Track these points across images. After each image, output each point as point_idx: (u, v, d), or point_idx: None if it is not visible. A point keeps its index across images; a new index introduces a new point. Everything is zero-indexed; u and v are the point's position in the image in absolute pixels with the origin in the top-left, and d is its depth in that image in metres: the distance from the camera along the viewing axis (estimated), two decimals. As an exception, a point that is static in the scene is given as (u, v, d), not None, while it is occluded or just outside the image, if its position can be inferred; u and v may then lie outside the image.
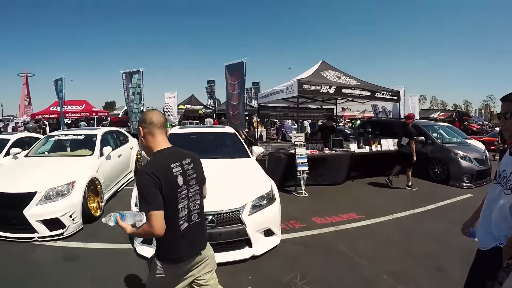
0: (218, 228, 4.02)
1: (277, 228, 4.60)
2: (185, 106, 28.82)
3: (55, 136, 8.09)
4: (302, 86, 7.78)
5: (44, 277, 4.08)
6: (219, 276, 3.77)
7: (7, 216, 5.22)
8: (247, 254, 4.17)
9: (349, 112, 35.50)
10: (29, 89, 22.78)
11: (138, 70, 14.52)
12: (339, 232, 5.24)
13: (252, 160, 5.91)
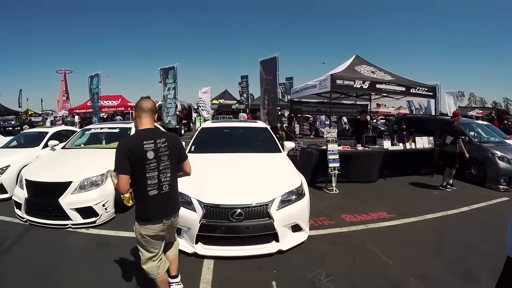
0: (246, 221, 4.03)
1: (305, 224, 4.54)
2: (218, 101, 29.10)
3: (91, 130, 8.44)
4: (335, 81, 7.61)
5: (75, 261, 4.32)
6: (245, 269, 3.88)
7: (44, 204, 5.52)
8: (273, 248, 4.15)
9: (384, 108, 34.57)
10: (67, 85, 23.82)
11: (173, 66, 14.76)
12: (368, 231, 5.12)
13: (283, 155, 5.85)
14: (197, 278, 3.75)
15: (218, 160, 5.53)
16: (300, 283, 3.63)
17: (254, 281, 3.69)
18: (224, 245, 4.15)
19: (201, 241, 4.20)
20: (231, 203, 4.08)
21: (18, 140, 9.58)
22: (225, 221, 4.02)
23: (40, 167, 6.17)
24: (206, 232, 4.11)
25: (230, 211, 4.01)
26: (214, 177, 4.77)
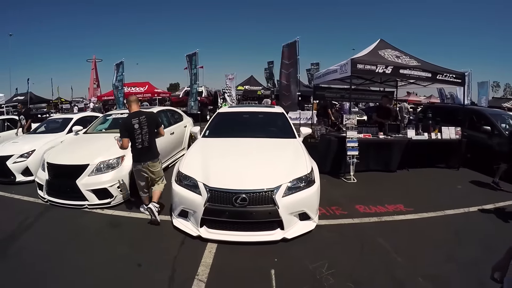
0: (250, 207, 3.98)
1: (313, 212, 4.39)
2: (244, 87, 29.04)
3: (112, 115, 8.68)
4: (356, 65, 7.31)
5: (88, 239, 4.59)
6: (246, 255, 3.85)
7: (63, 185, 5.79)
8: (277, 236, 4.08)
9: (415, 97, 33.36)
10: (98, 73, 24.63)
11: (195, 52, 14.81)
12: (381, 224, 4.86)
13: (297, 141, 5.70)
14: (198, 261, 3.77)
15: (230, 145, 5.53)
16: (300, 273, 3.53)
17: (253, 268, 3.65)
18: (228, 230, 4.12)
19: (205, 224, 4.22)
20: (235, 188, 4.04)
21: (46, 126, 10.00)
22: (229, 205, 3.99)
23: (61, 150, 6.45)
24: (210, 216, 4.11)
25: (234, 195, 3.98)
26: (223, 162, 4.76)
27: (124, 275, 3.64)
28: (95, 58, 24.77)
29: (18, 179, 7.57)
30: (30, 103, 25.26)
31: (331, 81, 9.83)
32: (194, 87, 15.11)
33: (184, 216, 4.51)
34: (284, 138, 5.78)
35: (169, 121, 8.81)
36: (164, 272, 3.60)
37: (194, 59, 14.95)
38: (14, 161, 7.62)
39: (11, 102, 25.44)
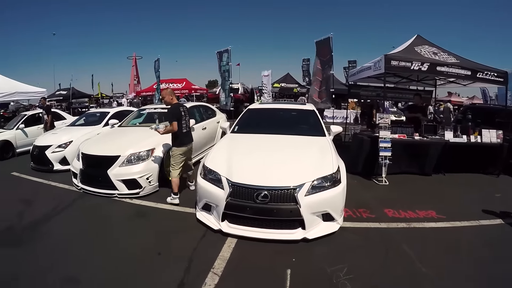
0: (272, 204, 3.92)
1: (337, 213, 4.23)
2: (280, 85, 28.88)
3: (146, 109, 8.98)
4: (390, 61, 7.03)
5: (115, 226, 4.90)
6: (265, 252, 3.80)
7: (95, 175, 6.06)
8: (298, 235, 3.98)
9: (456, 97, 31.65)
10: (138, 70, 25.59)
11: (227, 48, 14.90)
12: (409, 230, 4.57)
13: (326, 139, 5.55)
14: (216, 254, 3.79)
15: (257, 141, 5.51)
16: (316, 275, 3.42)
17: (269, 265, 3.59)
18: (249, 226, 4.09)
19: (227, 219, 4.23)
20: (257, 184, 4.00)
21: (84, 119, 10.49)
22: (250, 201, 3.96)
23: (95, 142, 6.76)
24: (231, 211, 4.11)
25: (255, 192, 3.94)
26: (247, 157, 4.75)
27: (143, 261, 3.76)
28: (135, 55, 25.76)
29: (56, 167, 8.03)
30: (72, 98, 26.61)
31: (366, 78, 9.51)
32: (227, 83, 15.21)
33: (207, 210, 4.56)
34: (313, 136, 5.66)
35: (201, 117, 8.93)
36: (181, 262, 3.66)
37: (225, 56, 15.06)
38: (53, 151, 8.10)
39: (54, 96, 26.89)
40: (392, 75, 8.91)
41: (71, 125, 10.23)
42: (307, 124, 6.36)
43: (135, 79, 25.71)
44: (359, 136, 7.83)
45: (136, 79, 25.77)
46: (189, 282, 3.32)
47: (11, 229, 4.82)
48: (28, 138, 10.69)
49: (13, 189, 7.03)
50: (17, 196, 6.35)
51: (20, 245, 4.30)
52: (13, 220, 5.10)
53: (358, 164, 7.26)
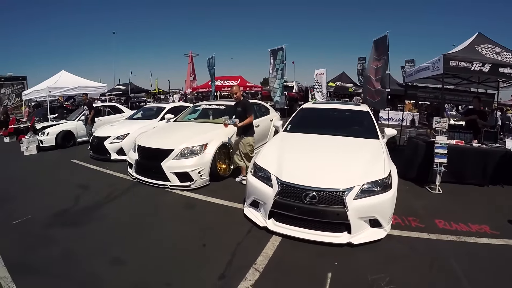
0: (319, 205, 3.91)
1: (385, 220, 4.11)
2: (335, 84, 28.33)
3: (201, 106, 9.26)
4: (449, 62, 6.65)
5: (164, 215, 5.16)
6: (308, 253, 3.84)
7: (149, 166, 6.39)
8: (343, 239, 3.92)
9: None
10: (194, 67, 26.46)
11: (281, 47, 14.92)
12: (459, 244, 4.26)
13: (379, 142, 5.40)
14: (259, 251, 3.85)
15: (309, 141, 5.51)
16: (356, 282, 3.34)
17: (311, 267, 3.59)
18: (295, 226, 4.10)
19: (274, 217, 4.27)
20: (305, 184, 4.01)
21: (142, 113, 11.08)
22: (298, 201, 3.98)
23: (151, 135, 7.13)
24: (278, 209, 4.15)
25: (303, 192, 3.96)
26: (298, 157, 4.76)
27: (187, 251, 3.94)
28: (191, 53, 26.64)
29: (113, 157, 8.61)
30: (131, 93, 28.08)
31: (423, 79, 9.05)
32: (281, 81, 15.23)
33: (255, 206, 4.64)
34: (366, 138, 5.53)
35: (255, 114, 8.97)
36: (224, 256, 3.76)
37: (279, 54, 15.06)
38: (111, 141, 8.69)
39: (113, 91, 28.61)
40: (451, 76, 8.43)
41: (129, 118, 10.89)
42: (361, 125, 6.24)
43: (191, 75, 26.73)
44: (414, 140, 7.44)
45: (192, 76, 26.79)
46: (230, 275, 3.40)
47: (68, 211, 5.32)
48: (88, 129, 11.48)
49: (72, 175, 7.67)
50: (75, 181, 6.95)
51: (75, 226, 4.75)
52: (70, 203, 5.63)
53: (412, 169, 6.94)
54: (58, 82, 14.96)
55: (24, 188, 6.79)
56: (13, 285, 3.35)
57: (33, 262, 3.80)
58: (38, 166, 8.88)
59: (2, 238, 4.43)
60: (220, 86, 23.67)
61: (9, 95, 19.86)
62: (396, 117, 18.14)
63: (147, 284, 3.32)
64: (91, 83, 16.66)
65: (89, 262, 3.73)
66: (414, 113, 18.71)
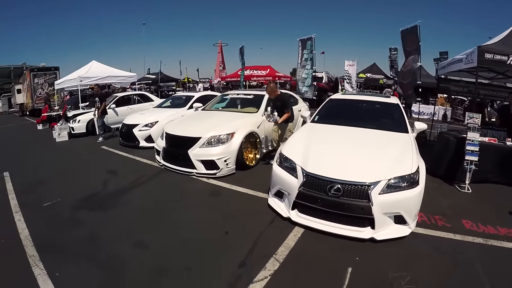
0: (343, 198, 3.87)
1: (410, 217, 4.01)
2: (365, 75, 27.78)
3: (229, 95, 9.31)
4: (483, 54, 6.31)
5: (189, 201, 5.31)
6: (329, 246, 3.83)
7: (177, 153, 6.52)
8: (366, 234, 3.87)
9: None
10: (223, 56, 26.65)
11: (311, 36, 14.80)
12: (485, 248, 4.06)
13: (408, 136, 5.22)
14: (281, 241, 3.88)
15: (336, 132, 5.46)
16: (376, 279, 3.29)
17: (331, 260, 3.57)
18: (318, 218, 4.09)
19: (297, 208, 4.28)
20: (331, 177, 3.97)
21: (171, 101, 11.29)
22: (322, 193, 3.96)
23: (179, 123, 7.25)
24: (302, 201, 4.14)
25: (328, 184, 3.92)
26: (324, 148, 4.73)
27: (209, 237, 4.04)
28: (221, 42, 26.91)
29: (141, 144, 8.85)
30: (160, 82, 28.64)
31: (456, 72, 8.72)
32: (310, 72, 15.10)
33: (279, 197, 4.66)
34: (395, 132, 5.39)
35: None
36: (246, 244, 3.82)
37: (308, 44, 14.94)
38: (140, 129, 8.93)
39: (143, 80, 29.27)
40: (486, 69, 8.06)
41: (158, 107, 11.13)
42: (390, 118, 6.09)
43: (220, 65, 27.00)
44: (445, 136, 7.13)
45: (221, 65, 27.05)
46: (250, 264, 3.46)
47: (96, 195, 5.56)
48: (118, 117, 11.95)
49: (102, 161, 8.01)
50: (104, 167, 7.23)
51: (102, 210, 4.97)
52: (99, 187, 5.88)
53: (441, 166, 6.68)
54: (89, 72, 15.44)
55: (55, 173, 7.12)
56: (40, 263, 3.55)
57: (60, 242, 4.01)
58: (69, 152, 9.28)
59: (33, 219, 4.69)
60: (249, 76, 23.79)
61: (42, 84, 20.74)
62: (427, 111, 17.58)
63: (168, 268, 3.43)
64: (121, 72, 17.07)
65: (113, 245, 3.90)
66: (447, 108, 18.15)
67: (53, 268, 3.44)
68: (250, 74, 23.92)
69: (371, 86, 27.07)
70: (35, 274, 3.37)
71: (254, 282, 3.17)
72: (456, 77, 9.91)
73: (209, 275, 3.30)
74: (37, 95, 20.82)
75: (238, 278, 3.23)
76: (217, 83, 25.00)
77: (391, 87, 22.86)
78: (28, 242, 4.01)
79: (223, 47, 27.67)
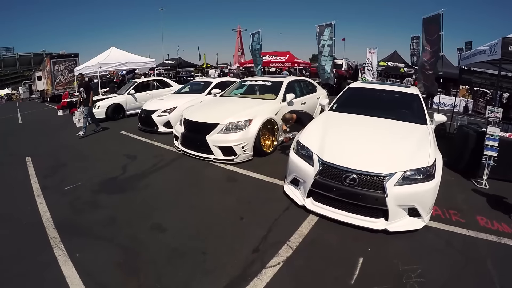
0: (358, 188, 3.90)
1: (425, 210, 4.00)
2: (386, 63, 27.17)
3: (248, 81, 9.32)
4: (508, 46, 6.13)
5: (206, 186, 5.42)
6: (342, 235, 3.87)
7: (195, 139, 6.62)
8: (379, 225, 3.90)
9: None
10: (242, 42, 26.58)
11: (331, 23, 14.64)
12: (498, 246, 3.99)
13: (426, 128, 5.14)
14: (294, 228, 3.95)
15: (353, 122, 5.45)
16: (387, 270, 3.32)
17: (343, 250, 3.62)
18: (333, 207, 4.13)
19: (312, 196, 4.33)
20: (346, 166, 3.99)
21: (190, 87, 11.40)
22: (337, 182, 3.99)
23: (197, 109, 7.32)
24: (317, 189, 4.19)
25: (344, 173, 3.95)
26: (342, 137, 4.76)
27: (224, 223, 4.15)
28: (240, 27, 26.82)
29: (160, 129, 9.01)
30: (179, 67, 28.87)
31: (481, 64, 8.49)
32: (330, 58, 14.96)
33: (295, 184, 4.72)
34: (413, 123, 5.31)
35: (301, 91, 8.95)
36: (260, 230, 3.92)
37: (327, 30, 14.77)
38: (158, 114, 9.08)
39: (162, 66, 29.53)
40: (510, 62, 7.89)
41: (177, 92, 11.25)
42: (409, 109, 6.01)
43: (239, 50, 27.05)
44: (464, 129, 6.95)
45: (240, 51, 27.13)
46: (264, 250, 3.55)
47: (116, 179, 5.76)
48: (137, 103, 12.23)
49: (121, 145, 8.18)
50: (123, 152, 7.41)
51: (121, 193, 5.15)
52: (118, 172, 6.07)
53: (459, 160, 6.56)
54: (108, 58, 15.78)
55: (76, 157, 7.34)
56: (61, 244, 3.73)
57: (81, 225, 4.18)
58: (89, 138, 9.46)
59: (54, 203, 4.88)
60: (268, 62, 23.68)
61: (62, 71, 21.15)
62: (448, 102, 17.08)
63: (184, 251, 3.55)
64: (140, 58, 17.31)
65: (132, 227, 4.06)
66: (468, 100, 17.75)
67: (73, 250, 3.61)
68: (269, 60, 23.73)
69: (392, 74, 26.50)
70: (56, 255, 3.53)
71: (267, 268, 3.26)
72: (479, 68, 9.65)
73: (223, 259, 3.40)
74: (57, 82, 21.24)
75: (252, 263, 3.33)
76: (236, 69, 24.90)
77: (412, 76, 22.37)
78: (50, 225, 4.20)
79: (242, 32, 27.62)
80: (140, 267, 3.31)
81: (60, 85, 21.25)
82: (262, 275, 3.16)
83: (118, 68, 17.41)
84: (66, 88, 20.17)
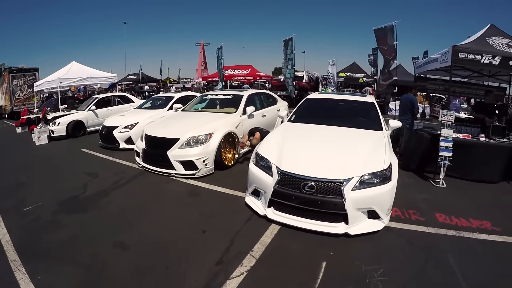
0: (317, 195, 3.96)
1: (383, 212, 4.13)
2: (345, 74, 28.01)
3: (209, 96, 9.33)
4: (457, 54, 6.54)
5: (168, 202, 5.32)
6: (304, 242, 3.89)
7: (156, 154, 6.51)
8: (340, 230, 3.97)
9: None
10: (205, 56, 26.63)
11: (291, 37, 14.98)
12: (457, 239, 4.16)
13: (382, 134, 5.36)
14: (257, 238, 3.95)
15: (311, 131, 5.55)
16: (350, 271, 3.39)
17: (306, 256, 3.65)
18: (293, 215, 4.17)
19: (273, 206, 4.35)
20: (304, 174, 4.05)
21: (151, 102, 11.26)
22: (296, 191, 4.04)
23: (158, 124, 7.23)
24: (278, 198, 4.22)
25: (302, 181, 4.01)
26: (299, 147, 4.83)
27: (187, 236, 4.10)
28: (203, 42, 26.93)
29: (121, 146, 8.80)
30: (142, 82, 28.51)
31: (435, 71, 8.95)
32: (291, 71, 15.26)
33: (256, 195, 4.74)
34: (370, 130, 5.54)
35: (262, 104, 9.08)
36: (223, 242, 3.89)
37: (290, 44, 15.13)
38: (120, 131, 8.90)
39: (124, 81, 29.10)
40: (461, 68, 8.26)
41: (138, 108, 11.07)
42: (365, 116, 6.21)
43: (202, 64, 27.01)
44: (419, 133, 7.32)
45: (203, 65, 27.03)
46: (227, 261, 3.52)
47: (76, 198, 5.54)
48: (98, 119, 11.89)
49: (82, 163, 7.88)
50: (84, 170, 7.15)
51: (82, 212, 4.96)
52: (79, 190, 5.84)
53: (416, 162, 6.91)
54: (69, 73, 15.30)
55: (35, 176, 7.01)
56: (22, 267, 3.53)
57: (41, 246, 3.98)
58: (49, 155, 9.09)
59: (13, 224, 4.64)
60: (230, 76, 23.84)
61: (21, 86, 20.33)
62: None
63: (147, 267, 3.46)
64: (101, 73, 16.98)
65: (94, 246, 3.91)
66: (425, 105, 18.50)
67: (35, 272, 3.44)
68: (231, 73, 23.99)
69: (351, 85, 27.38)
70: (17, 278, 3.35)
71: (231, 279, 3.23)
72: (435, 75, 10.09)
73: (187, 273, 3.35)
74: (16, 97, 20.39)
75: (215, 275, 3.29)
76: (197, 84, 24.94)
77: (371, 85, 23.16)
78: (9, 247, 3.98)
79: (205, 46, 27.69)
80: (104, 285, 3.21)
81: (19, 101, 20.27)
82: (227, 286, 3.13)
83: (79, 84, 16.97)
84: (25, 104, 19.27)
